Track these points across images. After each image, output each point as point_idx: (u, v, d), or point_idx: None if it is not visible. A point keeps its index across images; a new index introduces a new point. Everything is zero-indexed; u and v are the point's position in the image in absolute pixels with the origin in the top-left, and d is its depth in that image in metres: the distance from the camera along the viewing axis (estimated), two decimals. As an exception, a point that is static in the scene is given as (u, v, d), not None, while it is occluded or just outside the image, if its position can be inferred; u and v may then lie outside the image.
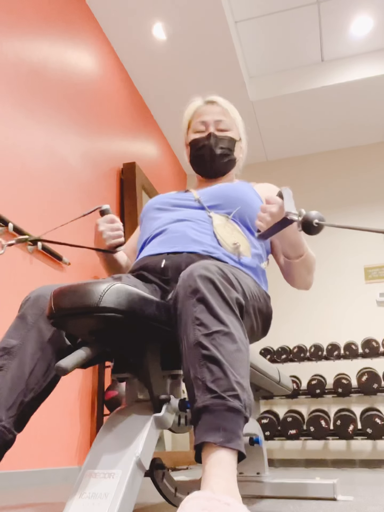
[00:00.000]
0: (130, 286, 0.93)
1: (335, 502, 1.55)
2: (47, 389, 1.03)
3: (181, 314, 0.93)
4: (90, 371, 3.12)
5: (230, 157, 1.53)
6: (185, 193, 1.52)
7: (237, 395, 0.84)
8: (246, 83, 4.38)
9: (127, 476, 0.87)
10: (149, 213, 1.47)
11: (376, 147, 5.19)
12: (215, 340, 0.87)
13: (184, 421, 1.07)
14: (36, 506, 1.63)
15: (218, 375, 0.85)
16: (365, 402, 4.30)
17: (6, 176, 2.46)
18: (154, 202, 1.50)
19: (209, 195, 1.42)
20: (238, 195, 1.41)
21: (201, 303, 0.91)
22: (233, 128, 1.56)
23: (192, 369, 0.87)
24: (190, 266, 0.98)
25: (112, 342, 0.99)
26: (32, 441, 2.42)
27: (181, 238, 1.29)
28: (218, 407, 0.82)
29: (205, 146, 1.50)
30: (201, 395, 0.84)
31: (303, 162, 5.38)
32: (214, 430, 0.81)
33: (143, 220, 1.51)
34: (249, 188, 1.48)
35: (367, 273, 4.81)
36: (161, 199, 1.50)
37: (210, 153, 1.50)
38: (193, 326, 0.89)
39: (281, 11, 3.83)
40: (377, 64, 4.26)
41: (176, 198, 1.47)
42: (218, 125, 1.53)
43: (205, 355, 0.86)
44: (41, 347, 1.01)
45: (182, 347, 0.91)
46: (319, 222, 0.94)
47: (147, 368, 0.98)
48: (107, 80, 3.80)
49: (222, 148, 1.50)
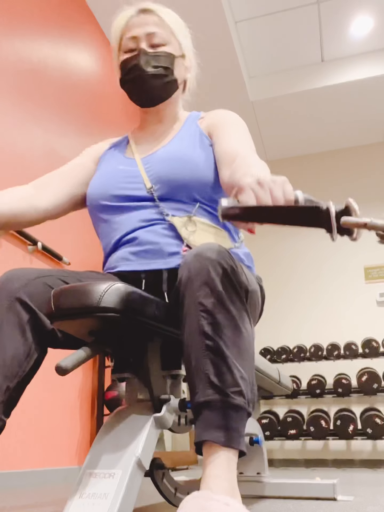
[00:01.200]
0: (130, 286, 0.93)
1: (335, 502, 1.55)
2: (31, 372, 0.98)
3: (183, 297, 0.87)
4: (90, 371, 3.12)
5: (168, 77, 1.24)
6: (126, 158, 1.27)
7: (240, 391, 0.81)
8: (246, 83, 4.38)
9: (127, 476, 0.87)
10: (98, 210, 1.24)
11: (376, 147, 5.19)
12: (221, 330, 0.82)
13: (184, 421, 1.07)
14: (36, 507, 1.63)
15: (222, 369, 0.81)
16: (365, 402, 4.30)
17: (6, 176, 2.46)
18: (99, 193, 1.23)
19: (157, 175, 1.18)
20: (188, 169, 1.16)
21: (207, 286, 0.84)
22: (172, 41, 1.27)
23: (194, 359, 0.83)
24: (197, 247, 0.90)
25: (112, 342, 0.99)
26: (32, 441, 2.42)
27: (157, 253, 1.13)
28: (221, 404, 0.80)
29: (134, 67, 1.22)
30: (203, 388, 0.81)
31: (303, 162, 5.38)
32: (216, 428, 0.79)
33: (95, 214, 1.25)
34: (195, 139, 1.24)
35: (367, 273, 4.81)
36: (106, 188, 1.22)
37: (140, 74, 1.22)
38: (196, 312, 0.84)
39: (281, 11, 3.83)
40: (377, 64, 4.26)
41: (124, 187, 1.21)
42: (151, 39, 1.24)
43: (209, 346, 0.82)
44: (20, 330, 0.96)
45: (184, 333, 0.86)
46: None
47: (147, 368, 0.98)
48: (107, 80, 3.80)
49: (155, 66, 1.22)
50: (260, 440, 1.72)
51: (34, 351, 0.97)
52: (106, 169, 1.28)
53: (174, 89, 1.28)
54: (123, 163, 1.26)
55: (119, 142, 1.39)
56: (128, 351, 1.04)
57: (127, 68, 1.24)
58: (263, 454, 1.81)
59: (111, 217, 1.21)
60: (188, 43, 1.33)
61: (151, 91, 1.25)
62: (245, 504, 0.76)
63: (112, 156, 1.32)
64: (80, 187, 1.31)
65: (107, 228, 1.23)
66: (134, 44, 1.24)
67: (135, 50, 1.24)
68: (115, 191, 1.21)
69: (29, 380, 0.99)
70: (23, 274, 1.01)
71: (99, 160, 1.35)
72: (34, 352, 0.97)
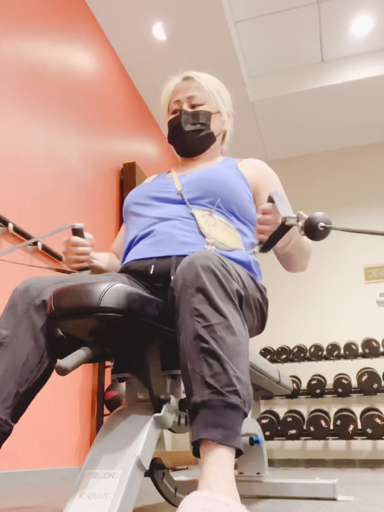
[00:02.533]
0: (130, 286, 0.93)
1: (335, 502, 1.55)
2: (42, 379, 1.00)
3: (178, 304, 0.90)
4: (90, 371, 3.13)
5: (204, 131, 1.44)
6: (166, 178, 1.45)
7: (236, 390, 0.83)
8: (246, 83, 4.38)
9: (127, 476, 0.87)
10: (131, 208, 1.40)
11: (376, 147, 5.19)
12: (215, 333, 0.85)
13: (184, 421, 1.07)
14: (36, 507, 1.63)
15: (217, 370, 0.83)
16: (365, 402, 4.30)
17: (6, 176, 2.46)
18: (135, 195, 1.41)
19: (190, 184, 1.34)
20: (219, 180, 1.32)
21: (201, 293, 0.88)
22: (208, 101, 1.47)
23: (190, 362, 0.85)
24: (190, 255, 0.94)
25: (112, 342, 0.99)
26: (32, 441, 2.42)
27: (169, 241, 1.23)
28: (217, 403, 0.81)
29: (177, 126, 1.44)
30: (199, 389, 0.83)
31: (303, 162, 5.38)
32: (212, 427, 0.80)
33: (127, 216, 1.43)
34: (231, 169, 1.41)
35: (367, 273, 4.82)
36: (142, 191, 1.41)
37: (181, 131, 1.43)
38: (191, 317, 0.87)
39: (281, 11, 3.83)
40: (377, 64, 4.26)
41: (157, 190, 1.38)
42: (192, 101, 1.45)
43: (204, 349, 0.84)
44: (33, 337, 0.99)
45: (180, 339, 0.89)
46: (326, 226, 0.84)
47: (147, 368, 0.98)
48: (107, 80, 3.80)
49: (193, 124, 1.43)
50: (260, 440, 1.72)
51: (46, 358, 1.00)
52: (144, 184, 1.47)
53: (211, 141, 1.48)
54: (161, 179, 1.46)
55: (161, 175, 1.56)
56: (128, 351, 1.04)
57: (172, 126, 1.46)
58: (263, 454, 1.81)
59: (139, 210, 1.35)
60: (223, 101, 1.52)
61: (190, 144, 1.45)
62: (245, 504, 0.76)
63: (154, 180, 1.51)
64: None
65: (130, 225, 1.36)
66: (178, 106, 1.46)
67: (178, 111, 1.45)
68: (148, 193, 1.37)
69: (40, 386, 1.01)
70: (40, 282, 1.04)
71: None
72: (45, 359, 1.00)
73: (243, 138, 4.98)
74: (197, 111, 1.44)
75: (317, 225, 0.84)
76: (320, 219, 0.85)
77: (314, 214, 0.86)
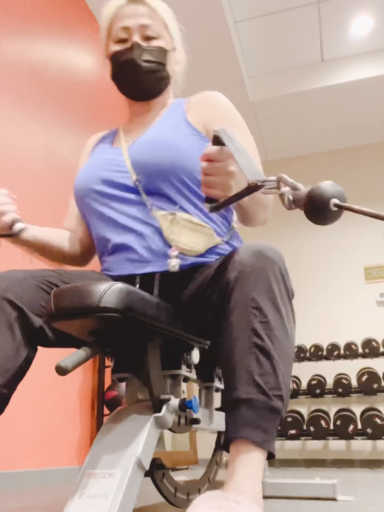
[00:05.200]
0: (130, 286, 0.93)
1: (335, 502, 1.55)
2: (21, 369, 0.98)
3: (233, 291, 0.86)
4: (90, 371, 3.12)
5: (161, 73, 1.23)
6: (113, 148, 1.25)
7: (281, 395, 0.81)
8: (246, 83, 4.38)
9: (127, 476, 0.86)
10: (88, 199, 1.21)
11: (376, 147, 5.19)
12: (271, 331, 0.82)
13: (184, 421, 1.07)
14: (36, 507, 1.63)
15: (267, 369, 0.81)
16: (365, 402, 4.30)
17: (6, 176, 2.46)
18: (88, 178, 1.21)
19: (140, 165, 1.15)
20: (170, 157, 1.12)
21: (263, 285, 0.84)
22: (164, 34, 1.25)
23: (238, 354, 0.83)
24: (255, 245, 0.89)
25: (112, 342, 0.99)
26: (32, 441, 2.42)
27: (149, 256, 1.10)
28: (262, 404, 0.80)
29: (128, 62, 1.20)
30: (245, 385, 0.80)
31: (303, 162, 5.38)
32: (253, 428, 0.79)
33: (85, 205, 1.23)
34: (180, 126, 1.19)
35: (367, 273, 4.81)
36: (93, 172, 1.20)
37: (135, 69, 1.20)
38: (247, 307, 0.83)
39: (281, 11, 3.83)
40: (377, 64, 4.26)
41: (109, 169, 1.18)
42: (144, 31, 1.21)
43: (257, 344, 0.82)
44: (9, 327, 0.95)
45: (228, 326, 0.85)
46: (341, 204, 0.59)
47: (147, 368, 0.98)
48: (107, 80, 3.80)
49: (149, 61, 1.20)
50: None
51: (24, 348, 0.97)
52: (91, 160, 1.27)
53: (166, 84, 1.27)
54: (109, 152, 1.25)
55: (107, 135, 1.38)
56: (128, 351, 1.04)
57: (120, 61, 1.22)
58: (263, 454, 1.81)
59: (100, 208, 1.18)
60: (178, 35, 1.31)
61: (144, 86, 1.24)
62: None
63: (99, 148, 1.32)
64: None
65: (97, 222, 1.20)
66: (126, 35, 1.21)
67: (127, 42, 1.21)
68: (102, 173, 1.19)
69: (20, 377, 0.98)
70: (11, 276, 1.01)
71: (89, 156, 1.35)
72: (23, 349, 0.97)
73: (243, 138, 4.98)
74: (153, 47, 1.21)
75: (329, 202, 0.61)
76: (332, 193, 0.61)
77: (322, 186, 0.63)
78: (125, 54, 1.21)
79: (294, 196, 0.68)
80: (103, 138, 1.38)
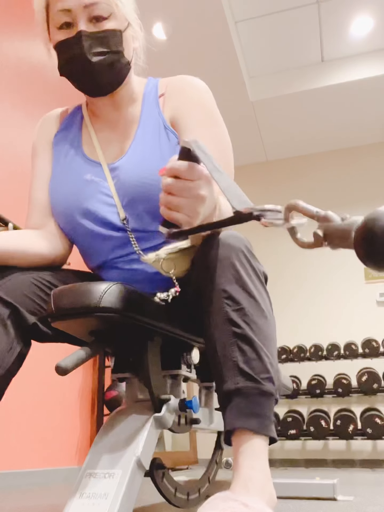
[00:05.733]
0: (130, 286, 0.93)
1: (335, 502, 1.55)
2: (14, 365, 0.96)
3: (205, 286, 0.85)
4: (90, 371, 3.12)
5: (119, 63, 1.05)
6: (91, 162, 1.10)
7: (270, 377, 0.81)
8: (246, 83, 4.38)
9: (127, 476, 0.86)
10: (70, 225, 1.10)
11: (376, 147, 5.19)
12: (247, 316, 0.81)
13: (184, 421, 1.07)
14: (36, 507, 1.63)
15: (250, 355, 0.80)
16: (365, 402, 4.30)
17: (6, 176, 2.46)
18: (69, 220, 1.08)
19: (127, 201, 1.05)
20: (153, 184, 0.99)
21: (230, 273, 0.82)
22: (114, 9, 1.03)
23: (220, 348, 0.82)
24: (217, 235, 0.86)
25: (112, 342, 0.99)
26: (32, 441, 2.42)
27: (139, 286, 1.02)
28: (252, 390, 0.79)
29: (76, 58, 1.01)
30: (232, 376, 0.80)
31: (303, 162, 5.38)
32: (248, 416, 0.78)
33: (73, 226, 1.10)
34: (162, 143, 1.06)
35: (367, 273, 4.82)
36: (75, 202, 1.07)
37: (86, 65, 1.01)
38: (220, 299, 0.82)
39: (281, 11, 3.83)
40: (377, 64, 4.26)
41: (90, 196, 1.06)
42: (91, 12, 1.00)
43: (236, 333, 0.81)
44: (1, 323, 0.93)
45: (208, 323, 0.85)
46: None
47: (147, 368, 0.98)
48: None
49: (102, 53, 1.01)
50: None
51: (17, 344, 0.95)
52: (68, 178, 1.11)
53: (126, 72, 1.09)
54: (87, 169, 1.10)
55: (69, 123, 1.21)
56: (128, 351, 1.04)
57: (66, 56, 1.02)
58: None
59: (84, 238, 1.10)
60: (130, 5, 1.10)
61: (101, 83, 1.05)
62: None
63: (70, 153, 1.15)
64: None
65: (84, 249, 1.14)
66: (69, 18, 1.01)
67: (71, 26, 1.01)
68: (86, 204, 1.07)
69: (13, 373, 0.97)
70: (2, 273, 0.99)
71: (52, 145, 1.19)
72: (16, 345, 0.95)
73: (243, 138, 4.98)
74: (103, 32, 1.01)
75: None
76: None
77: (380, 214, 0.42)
78: (71, 47, 1.00)
79: (327, 231, 0.49)
80: (65, 129, 1.20)
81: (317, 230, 0.50)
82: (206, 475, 1.41)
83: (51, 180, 1.15)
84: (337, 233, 0.48)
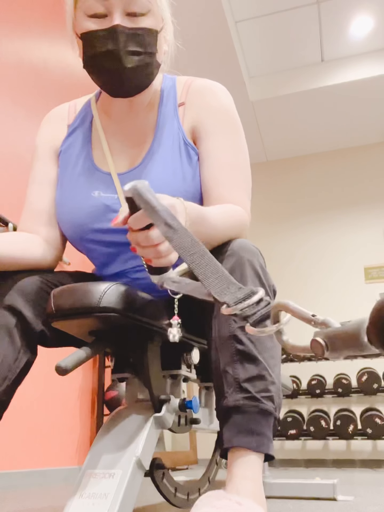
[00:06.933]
0: (130, 286, 0.93)
1: (335, 502, 1.55)
2: (21, 375, 0.95)
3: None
4: (90, 371, 3.12)
5: (151, 66, 0.98)
6: (102, 174, 1.03)
7: (271, 396, 0.81)
8: (246, 83, 4.38)
9: (127, 476, 0.86)
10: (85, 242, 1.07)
11: (376, 147, 5.19)
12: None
13: (184, 421, 1.07)
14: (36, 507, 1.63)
15: (252, 373, 0.80)
16: (365, 402, 4.30)
17: (6, 176, 2.46)
18: (79, 237, 1.05)
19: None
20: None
21: None
22: (153, 7, 0.96)
23: (223, 363, 0.82)
24: (231, 244, 0.85)
25: (112, 342, 0.99)
26: (32, 441, 2.42)
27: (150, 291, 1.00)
28: (251, 408, 0.79)
29: (109, 54, 0.92)
30: (233, 393, 0.80)
31: (303, 162, 5.37)
32: (246, 434, 0.78)
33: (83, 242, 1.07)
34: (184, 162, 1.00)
35: (367, 273, 4.81)
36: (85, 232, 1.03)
37: (119, 64, 0.93)
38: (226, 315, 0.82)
39: (281, 11, 3.83)
40: (377, 64, 4.26)
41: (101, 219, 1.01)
42: (129, 5, 0.92)
43: (239, 350, 0.80)
44: (8, 333, 0.91)
45: (211, 337, 0.84)
46: None
47: (147, 368, 0.98)
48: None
49: (137, 53, 0.94)
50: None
51: (23, 354, 0.93)
52: (77, 190, 1.04)
53: (155, 76, 1.03)
54: (97, 186, 1.03)
55: (80, 124, 1.14)
56: (128, 351, 1.04)
57: (97, 49, 0.93)
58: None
59: (94, 252, 1.08)
60: (166, 4, 1.04)
61: (130, 85, 0.98)
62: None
63: (77, 155, 1.09)
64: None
65: (93, 259, 1.13)
66: (103, 9, 0.92)
67: (105, 18, 0.92)
68: (96, 225, 1.02)
69: (19, 382, 0.95)
70: (12, 277, 0.96)
71: (59, 153, 1.12)
72: (23, 355, 0.93)
73: (243, 138, 4.98)
74: (141, 30, 0.94)
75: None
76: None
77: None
78: (105, 41, 0.92)
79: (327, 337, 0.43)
80: (74, 133, 1.13)
81: (317, 338, 0.45)
82: (206, 475, 1.41)
83: (58, 190, 1.09)
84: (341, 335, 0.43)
